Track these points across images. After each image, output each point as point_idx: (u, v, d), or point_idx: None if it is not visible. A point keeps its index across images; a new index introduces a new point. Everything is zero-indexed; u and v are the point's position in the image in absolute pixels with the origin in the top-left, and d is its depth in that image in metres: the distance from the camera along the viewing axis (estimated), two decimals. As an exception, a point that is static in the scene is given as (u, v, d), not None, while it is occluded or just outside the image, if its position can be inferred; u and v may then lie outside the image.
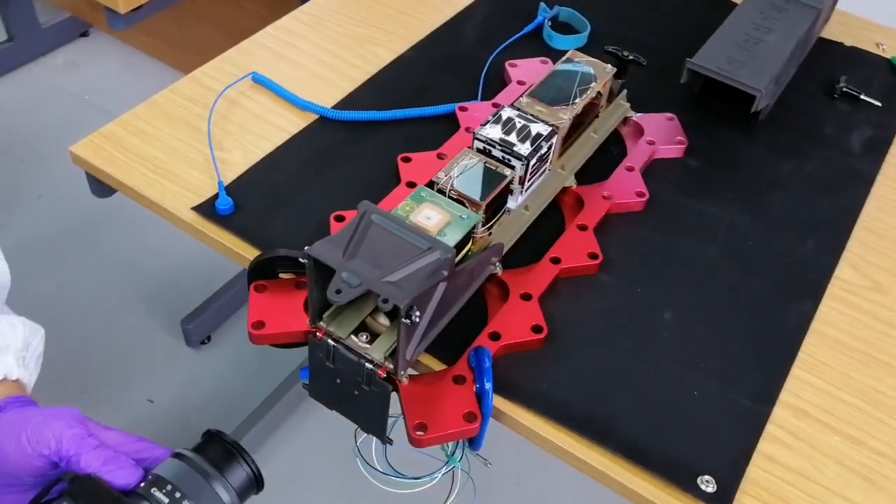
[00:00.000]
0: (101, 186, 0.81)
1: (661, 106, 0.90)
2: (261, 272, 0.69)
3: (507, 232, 0.73)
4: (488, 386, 0.63)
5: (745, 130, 0.91)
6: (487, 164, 0.70)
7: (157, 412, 1.44)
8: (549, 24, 1.00)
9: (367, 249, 0.60)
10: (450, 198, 0.67)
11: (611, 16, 1.04)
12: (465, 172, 0.69)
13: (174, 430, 1.41)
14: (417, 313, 0.57)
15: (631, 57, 0.84)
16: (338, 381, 0.65)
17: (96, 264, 1.62)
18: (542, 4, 1.01)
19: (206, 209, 0.75)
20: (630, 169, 0.83)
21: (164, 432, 1.40)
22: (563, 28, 1.01)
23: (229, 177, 0.79)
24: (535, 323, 0.68)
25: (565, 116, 0.75)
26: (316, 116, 0.86)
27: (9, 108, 1.98)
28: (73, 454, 0.53)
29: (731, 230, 0.80)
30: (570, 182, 0.80)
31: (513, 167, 0.71)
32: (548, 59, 0.92)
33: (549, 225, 0.78)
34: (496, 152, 0.72)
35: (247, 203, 0.77)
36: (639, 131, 0.88)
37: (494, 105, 0.87)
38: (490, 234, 0.71)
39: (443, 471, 0.67)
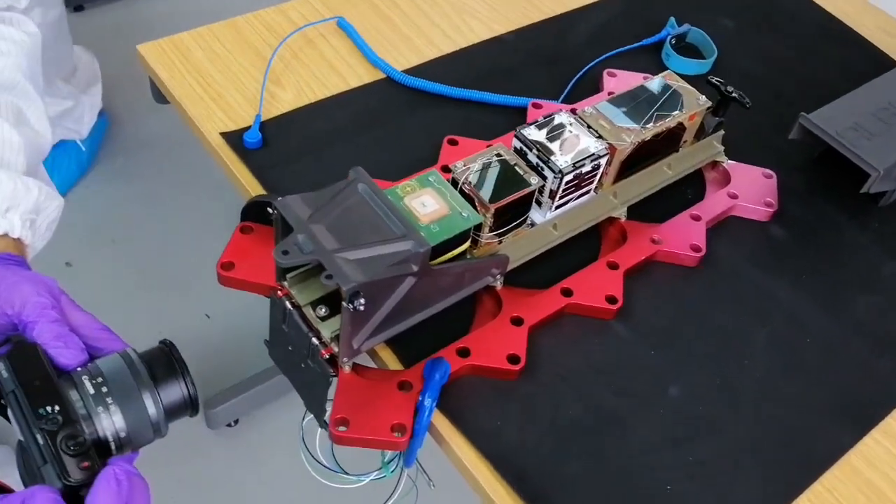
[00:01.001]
0: (160, 93, 0.80)
1: (762, 159, 0.79)
2: (254, 215, 0.65)
3: (524, 246, 0.66)
4: (428, 402, 0.56)
5: (855, 213, 0.78)
6: (517, 167, 0.62)
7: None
8: (673, 41, 0.89)
9: (338, 218, 0.55)
10: (461, 191, 0.61)
11: (746, 47, 0.93)
12: (487, 168, 0.62)
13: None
14: (362, 301, 0.52)
15: (734, 94, 0.73)
16: (290, 347, 0.61)
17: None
18: (672, 19, 0.91)
19: (234, 138, 0.72)
20: (696, 218, 0.72)
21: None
22: (688, 50, 0.91)
23: (272, 112, 0.76)
24: (514, 352, 0.61)
25: (628, 139, 0.66)
26: (383, 76, 0.81)
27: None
28: (30, 321, 0.52)
29: (790, 319, 0.68)
30: (620, 213, 0.71)
31: (544, 177, 0.64)
32: (651, 77, 0.83)
33: (579, 252, 0.69)
34: (532, 157, 0.64)
35: (278, 143, 0.73)
36: (725, 179, 0.77)
37: (572, 111, 0.79)
38: (500, 242, 0.63)
39: (372, 476, 0.61)
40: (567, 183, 0.64)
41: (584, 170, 0.64)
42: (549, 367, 0.62)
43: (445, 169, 0.70)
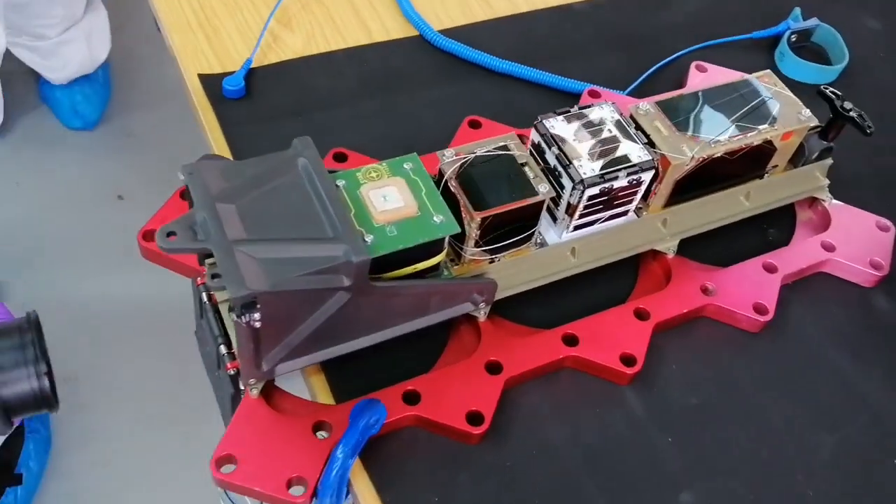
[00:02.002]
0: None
1: (879, 204, 0.60)
2: (203, 177, 0.53)
3: (526, 271, 0.50)
4: (341, 455, 0.42)
5: None
6: (526, 167, 0.47)
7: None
8: (793, 37, 0.71)
9: (259, 200, 0.42)
10: (444, 189, 0.46)
11: (892, 58, 0.72)
12: (486, 164, 0.47)
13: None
14: (256, 316, 0.38)
15: (853, 113, 0.55)
16: (206, 347, 0.49)
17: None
18: (797, 10, 0.72)
19: (213, 82, 0.60)
20: (771, 269, 0.55)
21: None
22: (811, 52, 0.72)
23: (270, 58, 0.63)
24: (478, 408, 0.46)
25: (689, 153, 0.50)
26: (415, 33, 0.67)
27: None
28: None
29: (876, 427, 0.50)
30: (668, 247, 0.54)
31: (560, 186, 0.48)
32: (743, 76, 0.65)
33: (603, 289, 0.53)
34: (550, 156, 0.49)
35: (265, 95, 0.61)
36: (822, 224, 0.59)
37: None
38: (492, 261, 0.49)
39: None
40: (591, 198, 0.48)
41: (616, 184, 0.48)
42: (524, 438, 0.47)
43: (455, 156, 0.55)
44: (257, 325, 0.39)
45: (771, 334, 0.53)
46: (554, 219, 0.50)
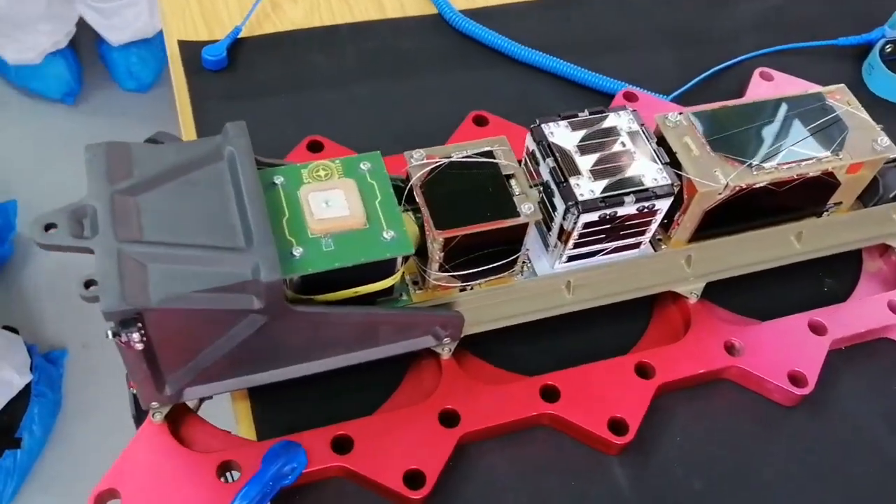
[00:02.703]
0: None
1: (970, 261, 0.48)
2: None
3: (508, 303, 0.42)
4: (238, 512, 0.35)
5: None
6: (512, 181, 0.38)
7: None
8: (888, 49, 0.59)
9: (171, 194, 0.34)
10: (405, 198, 0.38)
11: None
12: (464, 173, 0.38)
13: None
14: (135, 336, 0.31)
15: (945, 147, 0.44)
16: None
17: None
18: (896, 16, 0.60)
19: (192, 50, 0.53)
20: (819, 329, 0.44)
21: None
22: (908, 67, 0.60)
23: (264, 28, 0.56)
24: (418, 467, 0.38)
25: (723, 179, 0.40)
26: (434, 11, 0.59)
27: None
28: None
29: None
30: (690, 290, 0.44)
31: (552, 207, 0.39)
32: (811, 87, 0.53)
33: (606, 330, 0.44)
34: (544, 169, 0.40)
35: (251, 69, 0.54)
36: (894, 278, 0.48)
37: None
38: (464, 289, 0.40)
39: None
40: (589, 225, 0.39)
41: (622, 210, 0.38)
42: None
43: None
44: (138, 346, 0.32)
45: (808, 411, 0.43)
46: (546, 245, 0.42)
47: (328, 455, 0.38)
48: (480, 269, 0.39)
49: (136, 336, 0.31)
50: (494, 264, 0.39)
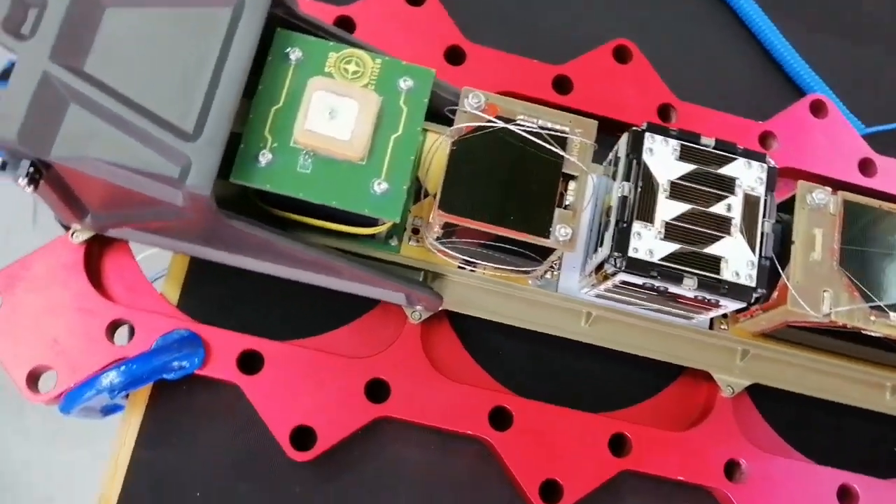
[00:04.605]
0: None
1: None
2: None
3: (510, 304, 0.34)
4: (105, 382, 0.31)
5: None
6: (573, 184, 0.29)
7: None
8: None
9: (150, 23, 0.27)
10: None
11: None
12: (516, 146, 0.29)
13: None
14: (22, 181, 0.26)
15: None
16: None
17: None
18: None
19: None
20: (848, 497, 0.36)
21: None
22: None
23: None
24: (312, 427, 0.33)
25: (824, 309, 0.30)
26: None
27: None
28: None
29: None
30: (731, 384, 0.35)
31: (599, 240, 0.30)
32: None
33: (614, 371, 0.37)
34: (615, 190, 0.30)
35: None
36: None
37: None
38: (463, 267, 0.33)
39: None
40: (630, 284, 0.30)
41: (677, 290, 0.29)
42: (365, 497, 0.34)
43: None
44: (27, 189, 0.26)
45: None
46: (584, 265, 0.33)
47: (229, 367, 0.33)
48: (485, 260, 0.32)
49: (22, 181, 0.26)
50: (505, 264, 0.31)
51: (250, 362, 0.33)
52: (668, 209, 0.29)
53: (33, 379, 0.32)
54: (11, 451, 0.75)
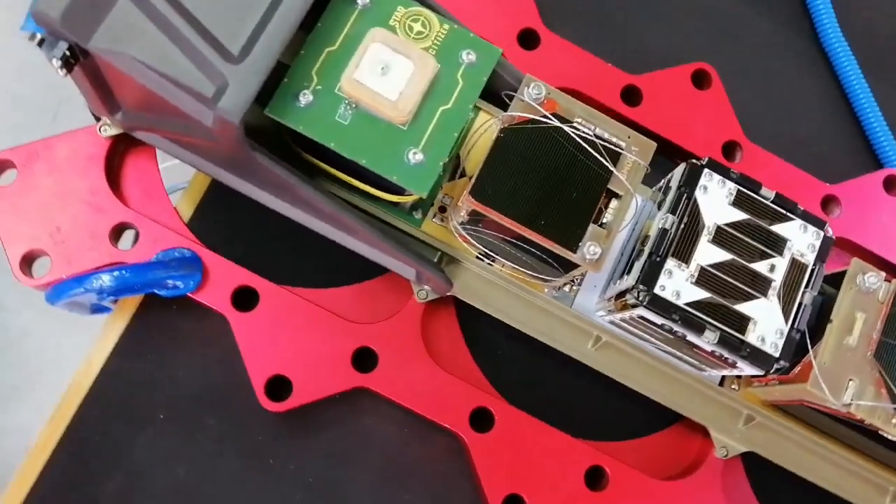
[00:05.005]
0: None
1: None
2: None
3: (519, 307, 0.32)
4: (96, 284, 0.30)
5: None
6: (616, 202, 0.27)
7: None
8: None
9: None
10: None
11: None
12: (570, 154, 0.27)
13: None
14: (57, 62, 0.25)
15: None
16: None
17: None
18: None
19: None
20: None
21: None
22: None
23: None
24: (289, 378, 0.32)
25: (845, 399, 0.28)
26: None
27: None
28: None
29: None
30: (728, 445, 0.34)
31: (628, 267, 0.28)
32: None
33: (614, 401, 0.35)
34: (656, 222, 0.28)
35: None
36: None
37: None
38: (480, 258, 0.31)
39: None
40: (648, 321, 0.28)
41: (696, 340, 0.27)
42: (331, 464, 0.33)
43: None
44: (60, 72, 0.25)
45: None
46: (605, 288, 0.31)
47: (223, 298, 0.32)
48: (506, 257, 0.30)
49: (56, 62, 0.24)
50: (525, 266, 0.30)
51: (245, 298, 0.32)
52: (707, 254, 0.27)
53: (27, 261, 0.31)
54: (17, 316, 0.75)
